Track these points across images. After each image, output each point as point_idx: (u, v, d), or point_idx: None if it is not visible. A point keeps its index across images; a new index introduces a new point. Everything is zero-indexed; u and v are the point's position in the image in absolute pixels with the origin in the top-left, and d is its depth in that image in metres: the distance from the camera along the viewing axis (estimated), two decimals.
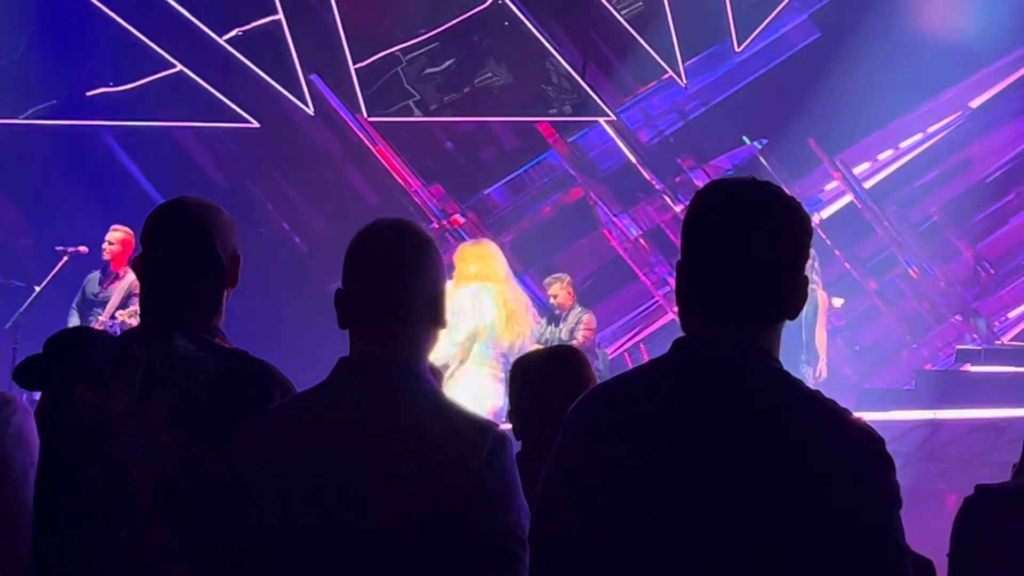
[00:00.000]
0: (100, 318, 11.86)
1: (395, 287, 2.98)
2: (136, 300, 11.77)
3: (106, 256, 12.10)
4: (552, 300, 12.99)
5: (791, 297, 2.63)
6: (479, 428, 2.89)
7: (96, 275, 12.19)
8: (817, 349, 12.36)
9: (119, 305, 11.90)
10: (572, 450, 2.67)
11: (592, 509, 2.60)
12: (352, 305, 3.01)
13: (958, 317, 15.06)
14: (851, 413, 2.62)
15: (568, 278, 13.29)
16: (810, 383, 12.45)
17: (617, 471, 2.58)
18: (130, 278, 11.88)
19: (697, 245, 2.65)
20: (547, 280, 13.25)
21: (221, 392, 3.26)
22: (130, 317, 11.58)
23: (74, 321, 12.02)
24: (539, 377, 4.29)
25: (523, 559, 2.80)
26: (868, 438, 2.54)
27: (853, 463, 2.51)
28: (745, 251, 2.60)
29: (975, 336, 14.71)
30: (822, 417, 2.55)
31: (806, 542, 2.47)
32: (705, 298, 2.64)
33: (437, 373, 4.23)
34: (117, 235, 12.13)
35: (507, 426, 4.24)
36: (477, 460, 2.84)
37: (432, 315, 3.01)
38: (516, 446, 4.15)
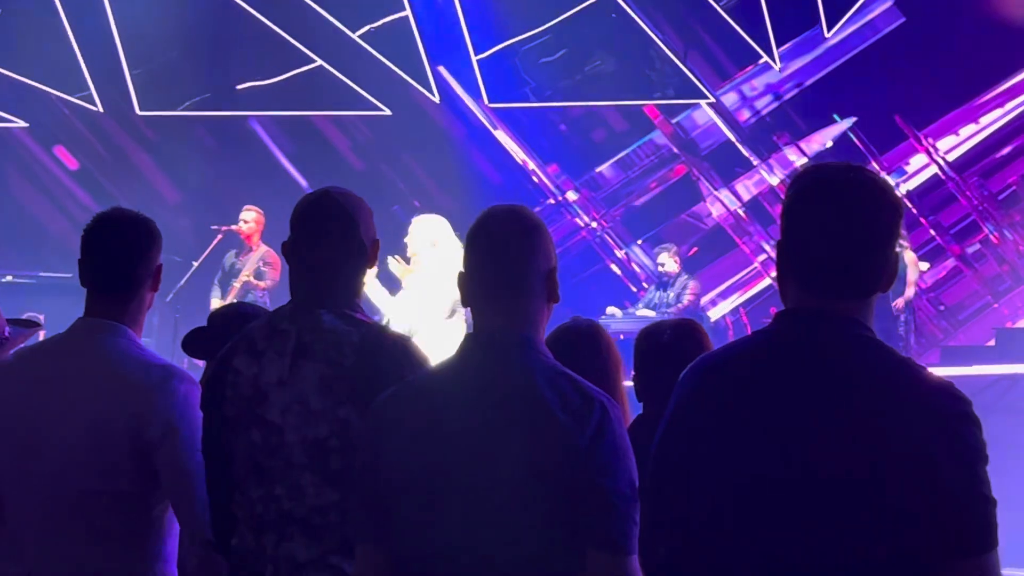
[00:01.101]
0: (235, 284, 12.12)
1: (511, 266, 3.02)
2: (266, 269, 12.00)
3: (241, 232, 12.34)
4: (660, 268, 12.97)
5: (883, 272, 2.65)
6: (588, 396, 2.91)
7: (232, 252, 12.44)
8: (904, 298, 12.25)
9: (252, 274, 12.14)
10: (684, 411, 2.70)
11: (702, 465, 2.62)
12: (473, 284, 3.04)
13: None
14: (940, 378, 2.62)
15: (675, 248, 13.27)
16: (903, 340, 12.33)
17: (724, 430, 2.61)
18: (262, 250, 12.13)
19: (796, 225, 2.67)
20: (656, 250, 13.24)
21: (363, 360, 3.33)
22: (257, 279, 11.96)
23: (216, 293, 12.27)
24: (663, 345, 4.27)
25: (633, 517, 2.81)
26: (956, 400, 2.55)
27: (944, 422, 2.52)
28: (840, 230, 2.61)
29: None
30: (914, 382, 2.56)
31: (903, 495, 2.48)
32: (804, 274, 2.65)
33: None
34: (251, 215, 12.38)
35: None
36: (588, 426, 2.86)
37: (546, 290, 3.03)
38: (635, 409, 4.17)
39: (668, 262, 12.89)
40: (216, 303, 11.95)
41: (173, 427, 3.58)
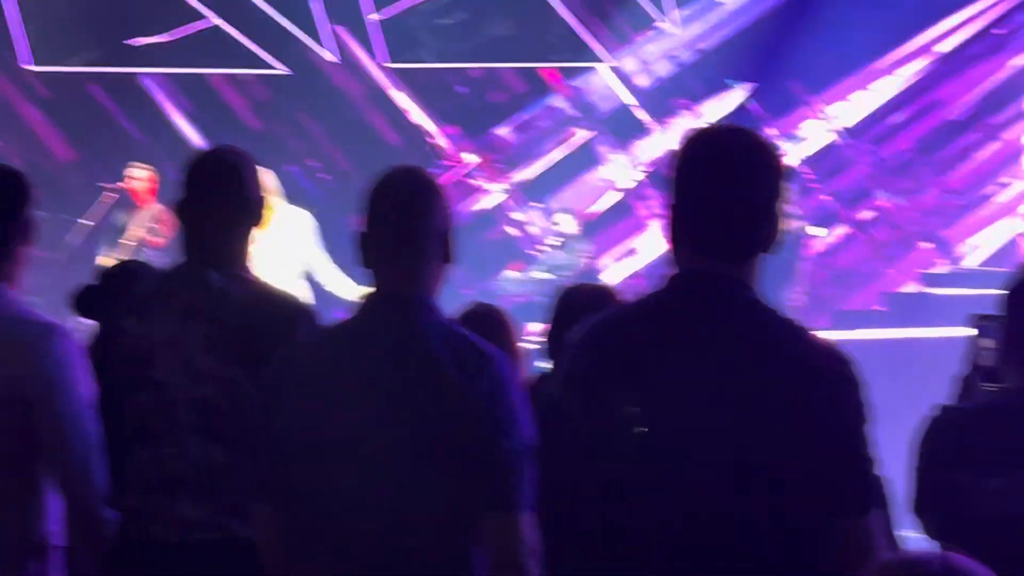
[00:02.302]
0: (126, 243, 11.99)
1: (410, 227, 3.03)
2: (158, 227, 11.89)
3: (132, 190, 12.21)
4: (557, 229, 13.01)
5: (770, 233, 2.68)
6: (483, 354, 2.95)
7: (124, 210, 12.31)
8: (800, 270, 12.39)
9: (143, 233, 12.02)
10: (576, 372, 2.73)
11: (593, 424, 2.65)
12: (372, 245, 3.04)
13: (926, 244, 15.06)
14: (825, 340, 2.67)
15: (572, 210, 13.32)
16: (790, 303, 12.48)
17: (616, 390, 2.63)
18: (153, 208, 12.00)
19: (685, 187, 2.69)
20: (553, 212, 13.29)
21: (251, 320, 3.32)
22: (147, 234, 11.78)
23: (107, 252, 12.13)
24: (581, 308, 4.26)
25: (529, 475, 2.85)
26: (840, 360, 2.60)
27: (827, 383, 2.56)
28: (727, 192, 2.64)
29: (941, 260, 14.73)
30: (798, 342, 2.61)
31: (786, 454, 2.53)
32: (691, 236, 2.67)
33: (501, 316, 4.24)
34: (142, 172, 12.25)
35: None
36: (483, 383, 2.88)
37: (442, 251, 3.05)
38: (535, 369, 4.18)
39: (565, 224, 12.95)
40: (106, 261, 11.80)
41: (53, 385, 3.49)
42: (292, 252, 8.99)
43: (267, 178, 9.13)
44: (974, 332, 3.38)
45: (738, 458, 2.52)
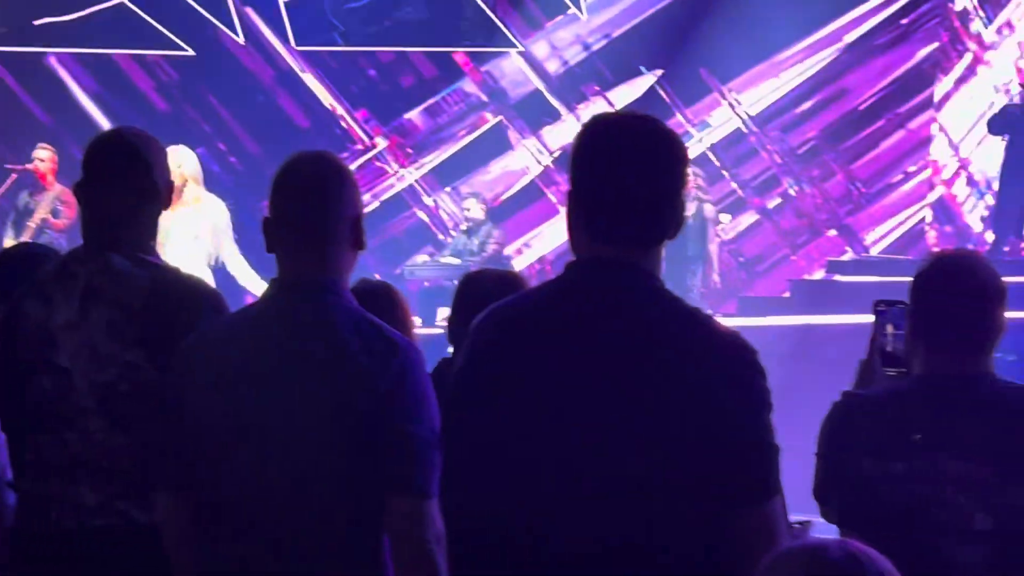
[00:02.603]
0: (29, 225, 11.82)
1: (317, 212, 3.01)
2: (62, 208, 11.72)
3: (36, 171, 12.04)
4: (466, 214, 13.01)
5: (671, 220, 2.65)
6: (391, 341, 2.93)
7: (26, 192, 12.13)
8: (710, 256, 12.47)
9: (46, 215, 11.86)
10: (476, 362, 2.70)
11: (492, 416, 2.62)
12: (279, 230, 3.02)
13: (832, 232, 15.23)
14: (727, 327, 2.67)
15: (481, 195, 13.32)
16: (698, 290, 12.57)
17: (516, 382, 2.61)
18: (57, 189, 11.82)
19: (585, 175, 2.66)
20: (463, 196, 13.29)
21: (154, 304, 3.29)
22: (52, 216, 11.58)
23: (9, 234, 11.96)
24: (486, 292, 4.24)
25: (434, 462, 2.83)
26: (742, 349, 2.58)
27: (730, 371, 2.55)
28: (628, 180, 2.61)
29: (847, 248, 14.91)
30: (701, 331, 2.59)
31: (689, 443, 2.51)
32: (592, 223, 2.64)
33: (395, 295, 4.19)
34: (45, 153, 12.08)
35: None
36: (390, 371, 2.88)
37: (351, 237, 3.03)
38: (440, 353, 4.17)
39: (474, 209, 12.95)
40: (9, 244, 11.64)
41: None
42: (204, 240, 8.88)
43: (188, 160, 9.07)
44: (877, 318, 3.41)
45: (640, 448, 2.50)
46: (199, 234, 8.86)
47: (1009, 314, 3.22)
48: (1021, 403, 3.09)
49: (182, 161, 8.94)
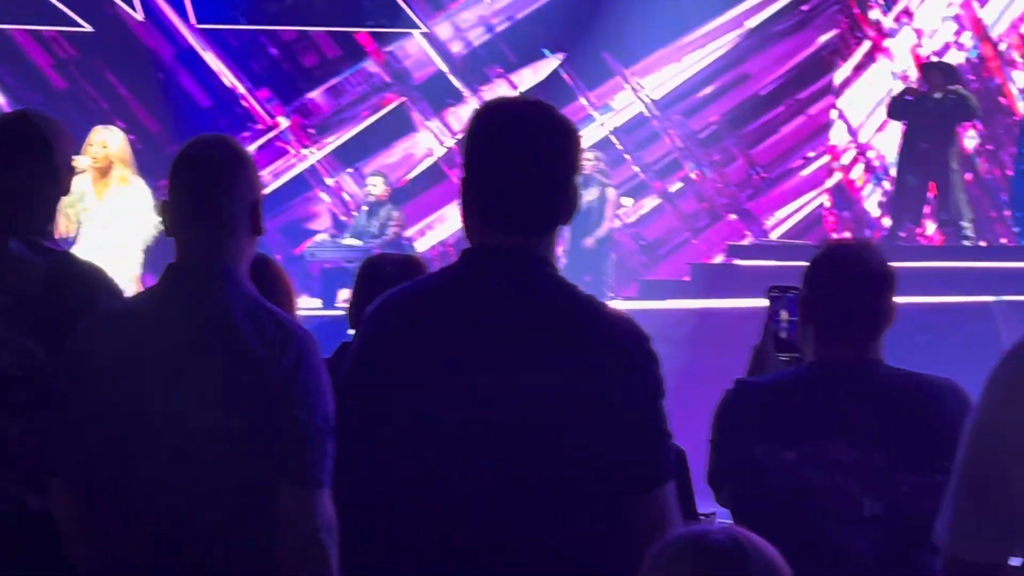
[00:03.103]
0: None
1: (215, 197, 2.98)
2: None
3: None
4: (369, 195, 12.97)
5: (565, 206, 2.65)
6: (287, 329, 2.92)
7: None
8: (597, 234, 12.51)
9: None
10: (369, 350, 2.69)
11: (386, 405, 2.61)
12: (177, 214, 3.01)
13: (732, 216, 15.37)
14: (621, 313, 2.68)
15: (385, 176, 13.29)
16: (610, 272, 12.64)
17: (410, 370, 2.61)
18: None
19: (478, 161, 2.66)
20: (367, 177, 13.26)
21: (51, 290, 3.26)
22: None
23: None
24: (386, 277, 4.23)
25: (328, 451, 2.82)
26: (635, 336, 2.59)
27: (623, 358, 2.55)
28: (520, 166, 2.61)
29: (747, 233, 15.06)
30: (594, 317, 2.59)
31: (584, 431, 2.52)
32: (486, 209, 2.64)
33: (277, 271, 4.16)
34: None
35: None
36: (285, 358, 2.86)
37: (250, 222, 3.02)
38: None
39: (378, 187, 12.92)
40: None
41: None
42: (128, 222, 8.75)
43: (114, 140, 8.91)
44: (770, 304, 3.45)
45: (533, 436, 2.51)
46: (122, 216, 8.75)
47: (909, 299, 3.28)
48: (908, 389, 3.13)
49: (108, 141, 8.83)
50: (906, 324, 3.46)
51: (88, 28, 14.15)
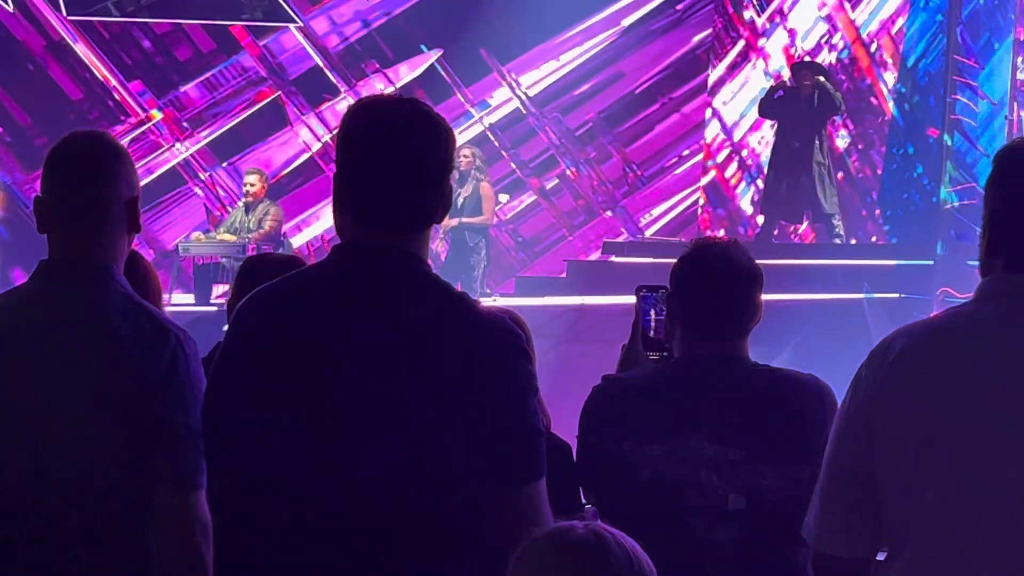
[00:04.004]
0: None
1: (91, 193, 2.95)
2: None
3: None
4: (247, 190, 12.89)
5: (438, 205, 2.67)
6: (163, 328, 2.90)
7: None
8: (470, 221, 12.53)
9: None
10: (238, 347, 2.69)
11: (252, 402, 2.61)
12: (51, 210, 2.98)
13: (608, 213, 15.51)
14: (493, 310, 2.71)
15: (262, 172, 13.21)
16: (482, 268, 12.68)
17: (278, 370, 2.60)
18: None
19: (351, 157, 2.66)
20: (245, 172, 13.17)
21: None
22: None
23: None
24: (267, 279, 4.19)
25: (201, 449, 2.79)
26: (507, 333, 2.61)
27: (495, 355, 2.58)
28: (395, 162, 2.62)
29: (622, 230, 15.20)
30: (466, 315, 2.61)
31: (456, 427, 2.54)
32: (357, 206, 2.65)
33: (147, 268, 4.12)
34: None
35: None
36: (162, 358, 2.85)
37: (127, 219, 3.01)
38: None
39: (256, 184, 12.84)
40: None
41: None
42: None
43: None
44: (639, 303, 3.50)
45: (404, 432, 2.53)
46: None
47: (781, 296, 3.35)
48: (770, 384, 3.19)
49: None
50: (777, 321, 3.53)
51: None
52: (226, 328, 4.10)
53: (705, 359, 3.21)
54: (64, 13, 14.28)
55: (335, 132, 14.80)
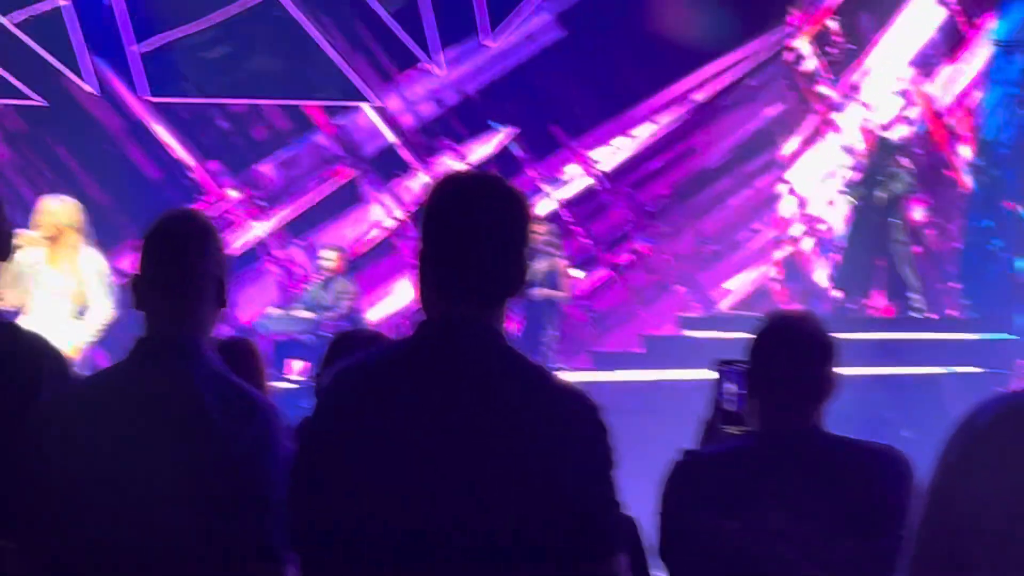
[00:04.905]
0: None
1: (184, 271, 3.05)
2: None
3: None
4: (325, 265, 12.99)
5: (516, 278, 2.71)
6: (252, 402, 2.98)
7: None
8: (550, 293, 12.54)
9: None
10: (325, 422, 2.72)
11: (339, 478, 2.64)
12: (145, 288, 3.07)
13: (682, 288, 15.51)
14: (572, 385, 2.71)
15: (340, 249, 13.32)
16: (552, 344, 12.70)
17: (364, 443, 2.63)
18: None
19: (432, 232, 2.72)
20: (323, 249, 13.29)
21: None
22: None
23: None
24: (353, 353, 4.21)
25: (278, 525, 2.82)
26: (585, 407, 2.63)
27: (574, 428, 2.60)
28: (473, 238, 2.67)
29: (696, 305, 15.19)
30: (545, 389, 2.63)
31: (534, 500, 2.56)
32: (440, 282, 2.70)
33: (252, 348, 4.18)
34: None
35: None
36: (249, 432, 2.93)
37: (216, 295, 3.09)
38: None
39: (333, 261, 12.96)
40: None
41: None
42: (74, 291, 8.79)
43: (66, 210, 8.89)
44: (717, 376, 3.52)
45: (487, 508, 2.54)
46: (70, 285, 8.78)
47: (858, 370, 3.35)
48: (848, 456, 3.20)
49: (55, 210, 8.88)
50: (854, 394, 3.55)
51: (41, 102, 14.21)
52: (309, 403, 4.17)
53: (782, 432, 3.23)
54: (144, 95, 14.55)
55: (408, 210, 14.96)
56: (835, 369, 3.27)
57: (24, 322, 4.66)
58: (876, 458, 3.21)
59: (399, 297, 14.86)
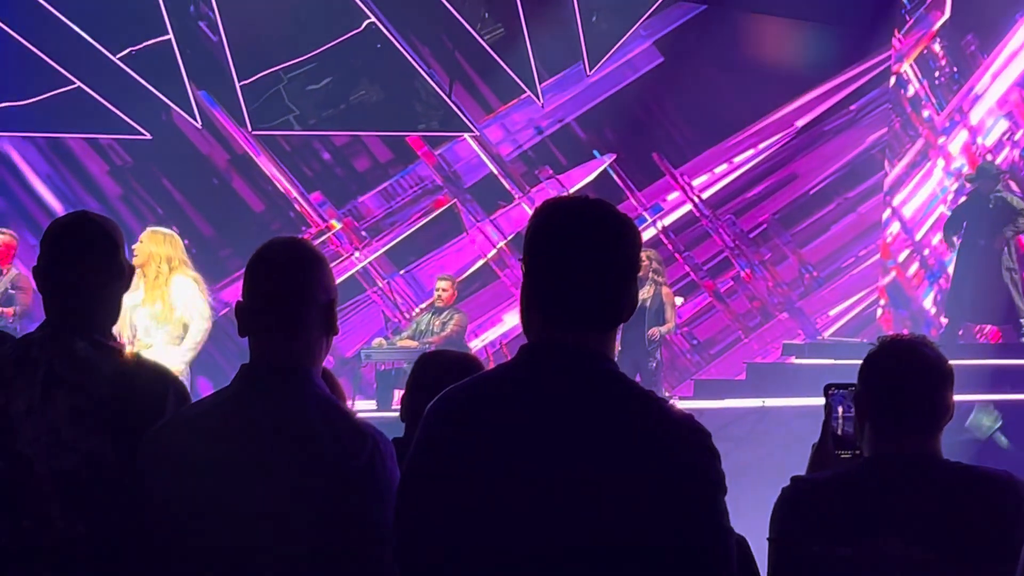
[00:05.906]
0: None
1: (290, 298, 3.02)
2: (15, 293, 11.54)
3: None
4: (440, 294, 13.00)
5: (624, 305, 2.67)
6: (361, 431, 2.95)
7: None
8: (664, 330, 12.46)
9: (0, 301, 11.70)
10: (430, 448, 2.69)
11: (447, 504, 2.62)
12: (251, 316, 3.04)
13: (784, 315, 15.35)
14: (682, 411, 2.66)
15: (453, 279, 13.32)
16: (657, 371, 12.61)
17: (471, 469, 2.61)
18: (12, 273, 11.66)
19: (538, 259, 2.68)
20: (438, 277, 13.30)
21: (117, 391, 3.26)
22: (5, 304, 11.40)
23: None
24: (441, 375, 4.20)
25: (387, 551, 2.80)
26: (696, 432, 2.59)
27: (685, 455, 2.56)
28: (581, 264, 2.63)
29: (799, 332, 15.02)
30: (655, 415, 2.59)
31: (645, 526, 2.52)
32: (546, 306, 2.66)
33: (330, 377, 4.16)
34: (1, 237, 11.93)
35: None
36: (359, 460, 2.89)
37: (324, 322, 3.05)
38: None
39: (447, 291, 12.95)
40: None
41: None
42: (179, 318, 8.91)
43: (165, 242, 9.03)
44: (828, 401, 3.45)
45: (595, 531, 2.51)
46: (160, 312, 8.89)
47: (968, 396, 3.28)
48: (965, 483, 3.13)
49: (147, 241, 9.00)
50: (966, 419, 3.45)
51: (146, 136, 14.37)
52: (407, 427, 4.12)
53: (895, 458, 3.17)
54: (248, 128, 14.69)
55: (509, 238, 14.96)
56: (951, 393, 3.17)
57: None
58: (994, 484, 3.14)
59: (501, 326, 14.84)
